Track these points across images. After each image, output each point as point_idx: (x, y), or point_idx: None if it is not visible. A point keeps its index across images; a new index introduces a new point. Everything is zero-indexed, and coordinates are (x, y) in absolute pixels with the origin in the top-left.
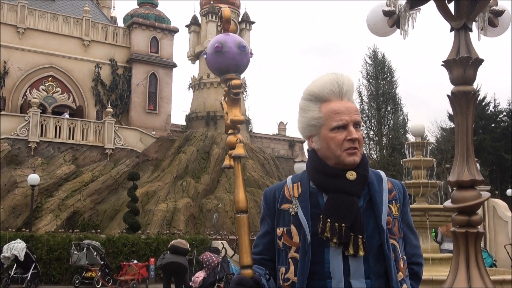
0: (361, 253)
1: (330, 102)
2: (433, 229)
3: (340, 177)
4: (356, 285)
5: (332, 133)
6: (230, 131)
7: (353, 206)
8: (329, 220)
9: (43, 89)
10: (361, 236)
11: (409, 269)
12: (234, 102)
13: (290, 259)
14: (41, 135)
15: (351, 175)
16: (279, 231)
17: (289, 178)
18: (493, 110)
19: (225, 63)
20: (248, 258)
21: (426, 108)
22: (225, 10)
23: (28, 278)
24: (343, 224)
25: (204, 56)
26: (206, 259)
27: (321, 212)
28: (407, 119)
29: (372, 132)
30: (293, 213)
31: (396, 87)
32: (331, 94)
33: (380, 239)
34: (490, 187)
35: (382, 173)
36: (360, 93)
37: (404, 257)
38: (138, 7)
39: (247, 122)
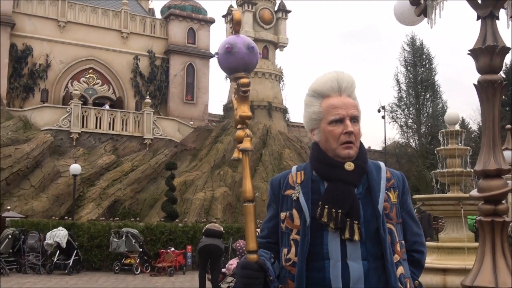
0: (356, 237)
1: (330, 98)
2: (473, 217)
3: (339, 167)
4: (353, 266)
5: (330, 126)
6: (239, 126)
7: (349, 194)
8: (326, 206)
9: (84, 81)
10: (356, 222)
11: (410, 256)
12: (243, 99)
13: (291, 241)
14: (83, 126)
15: (349, 165)
16: (282, 215)
17: (294, 167)
18: None
19: (235, 63)
20: (254, 244)
21: (468, 94)
22: (236, 13)
23: (70, 264)
24: (340, 211)
25: (216, 56)
26: (239, 247)
27: (320, 198)
28: (447, 107)
29: (411, 120)
30: (295, 198)
31: (435, 74)
32: (331, 90)
33: (377, 223)
34: None
35: (381, 164)
36: (398, 80)
37: (402, 241)
38: None
39: (284, 111)
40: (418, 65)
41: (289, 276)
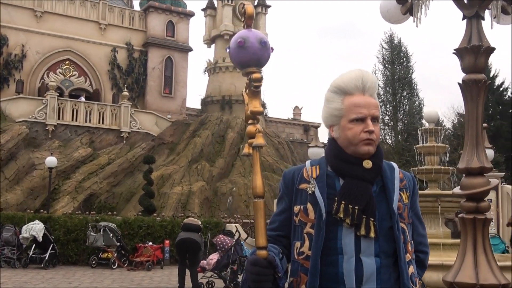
0: (372, 234)
1: (353, 96)
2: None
3: (357, 164)
4: (366, 262)
5: (351, 124)
6: (250, 121)
7: (366, 191)
8: (343, 202)
9: (60, 73)
10: (372, 219)
11: (415, 256)
12: (254, 94)
13: (305, 234)
14: (59, 118)
15: (367, 163)
16: (296, 208)
17: (308, 161)
18: (511, 95)
19: (247, 57)
20: (264, 240)
21: (444, 92)
22: (249, 7)
23: (46, 258)
24: (356, 207)
25: (228, 51)
26: (220, 242)
27: (336, 193)
28: (423, 105)
29: (387, 117)
30: (310, 192)
31: (412, 72)
32: (355, 89)
33: (391, 221)
34: (505, 173)
35: (395, 164)
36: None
37: (412, 241)
38: None
39: (262, 106)
40: (396, 63)
41: (301, 270)
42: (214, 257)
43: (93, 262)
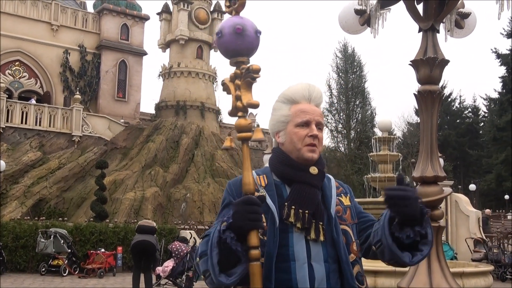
0: (321, 238)
1: (299, 104)
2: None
3: (304, 171)
4: (316, 267)
5: (296, 128)
6: (240, 114)
7: (315, 196)
8: (293, 207)
9: (9, 74)
10: (321, 223)
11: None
12: (249, 85)
13: None
14: (7, 121)
15: (314, 170)
16: None
17: (253, 171)
18: (458, 106)
19: (244, 46)
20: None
21: (394, 102)
22: None
23: None
24: (306, 211)
25: (218, 36)
26: (175, 249)
27: (285, 200)
28: (375, 113)
29: (341, 125)
30: None
31: (365, 81)
32: (302, 98)
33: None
34: (453, 181)
35: (331, 176)
36: (329, 86)
37: (358, 241)
38: None
39: (217, 112)
40: (350, 72)
41: None
42: (169, 264)
43: (43, 269)
